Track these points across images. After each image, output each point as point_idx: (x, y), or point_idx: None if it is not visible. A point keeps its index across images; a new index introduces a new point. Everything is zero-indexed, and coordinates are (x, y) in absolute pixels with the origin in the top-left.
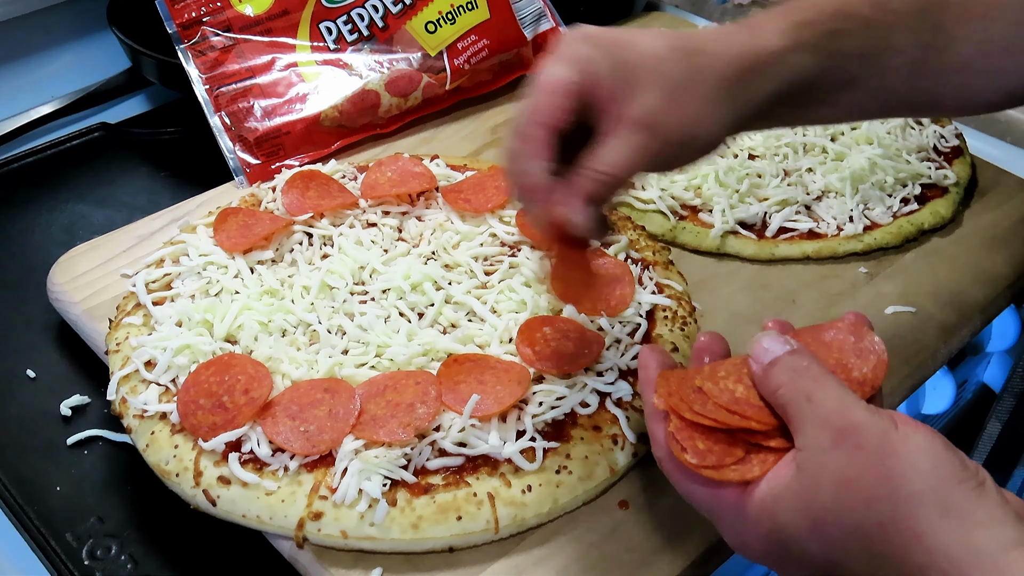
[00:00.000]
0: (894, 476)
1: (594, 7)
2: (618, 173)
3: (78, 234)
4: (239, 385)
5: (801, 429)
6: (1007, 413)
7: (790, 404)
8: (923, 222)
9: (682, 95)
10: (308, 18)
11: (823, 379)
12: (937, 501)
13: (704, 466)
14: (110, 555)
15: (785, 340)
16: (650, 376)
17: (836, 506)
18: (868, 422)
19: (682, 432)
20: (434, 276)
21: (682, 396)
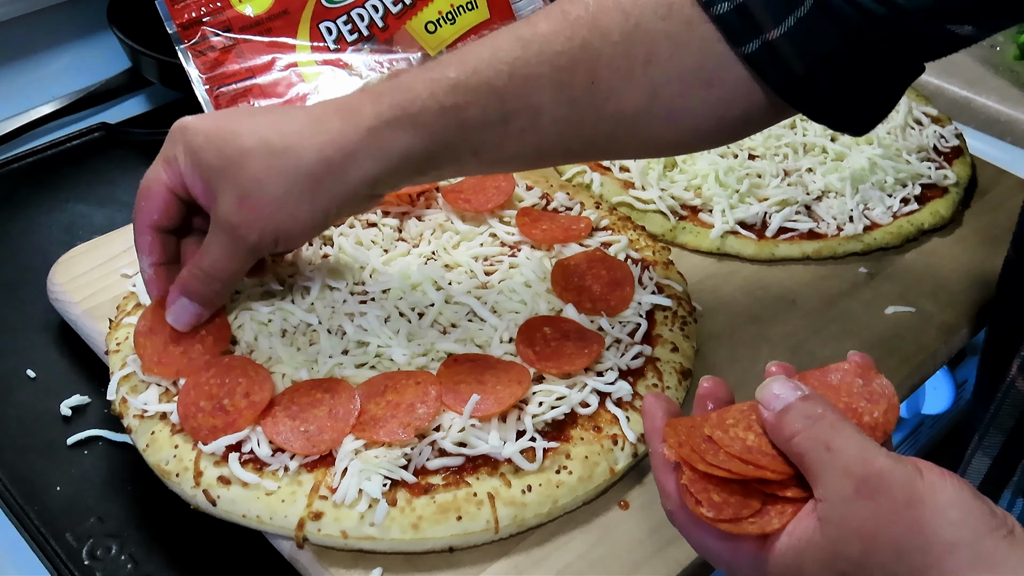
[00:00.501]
0: (924, 526)
1: None
2: (213, 271)
3: (78, 234)
4: (240, 388)
5: (821, 479)
6: (996, 448)
7: (807, 453)
8: (923, 222)
9: (253, 198)
10: (308, 18)
11: (840, 426)
12: (969, 552)
13: (721, 519)
14: (110, 555)
15: (796, 385)
16: (656, 425)
17: (863, 559)
18: (892, 470)
19: (696, 484)
20: (434, 276)
21: (693, 446)
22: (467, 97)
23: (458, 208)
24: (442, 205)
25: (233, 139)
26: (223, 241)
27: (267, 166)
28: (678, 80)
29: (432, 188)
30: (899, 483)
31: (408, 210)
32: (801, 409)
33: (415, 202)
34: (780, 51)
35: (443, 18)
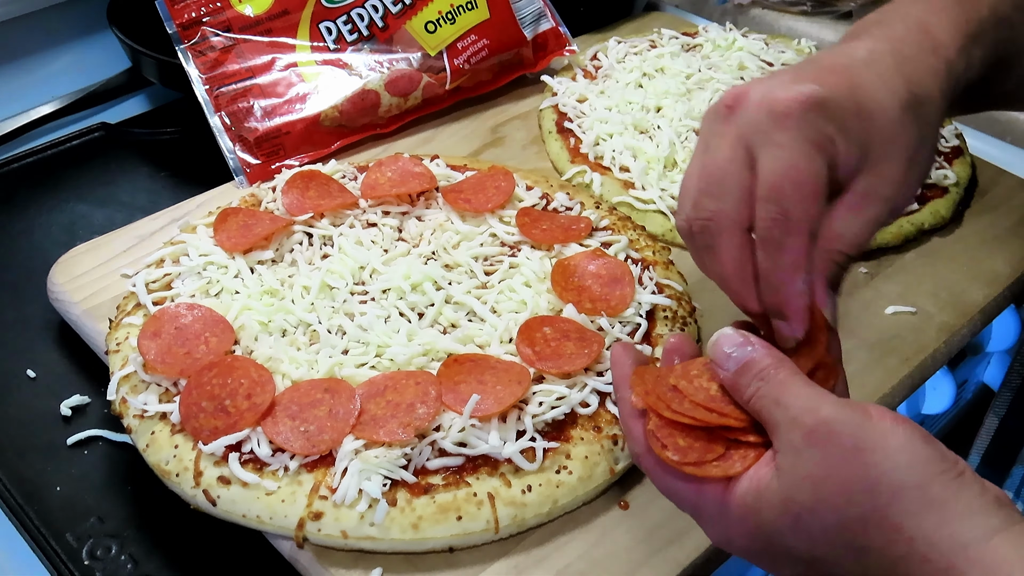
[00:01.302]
0: (872, 470)
1: (594, 7)
2: (855, 250)
3: (78, 234)
4: (242, 389)
5: (775, 432)
6: (1004, 408)
7: (762, 411)
8: (923, 222)
9: (916, 160)
10: (308, 18)
11: (789, 380)
12: (917, 494)
13: (686, 463)
14: (110, 555)
15: (745, 339)
16: (624, 373)
17: (815, 503)
18: (840, 418)
19: (662, 430)
20: (434, 276)
21: (659, 395)
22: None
23: (458, 208)
24: (442, 205)
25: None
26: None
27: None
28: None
29: (432, 188)
30: (847, 430)
31: (408, 210)
32: (754, 369)
33: (415, 202)
34: None
35: (443, 18)
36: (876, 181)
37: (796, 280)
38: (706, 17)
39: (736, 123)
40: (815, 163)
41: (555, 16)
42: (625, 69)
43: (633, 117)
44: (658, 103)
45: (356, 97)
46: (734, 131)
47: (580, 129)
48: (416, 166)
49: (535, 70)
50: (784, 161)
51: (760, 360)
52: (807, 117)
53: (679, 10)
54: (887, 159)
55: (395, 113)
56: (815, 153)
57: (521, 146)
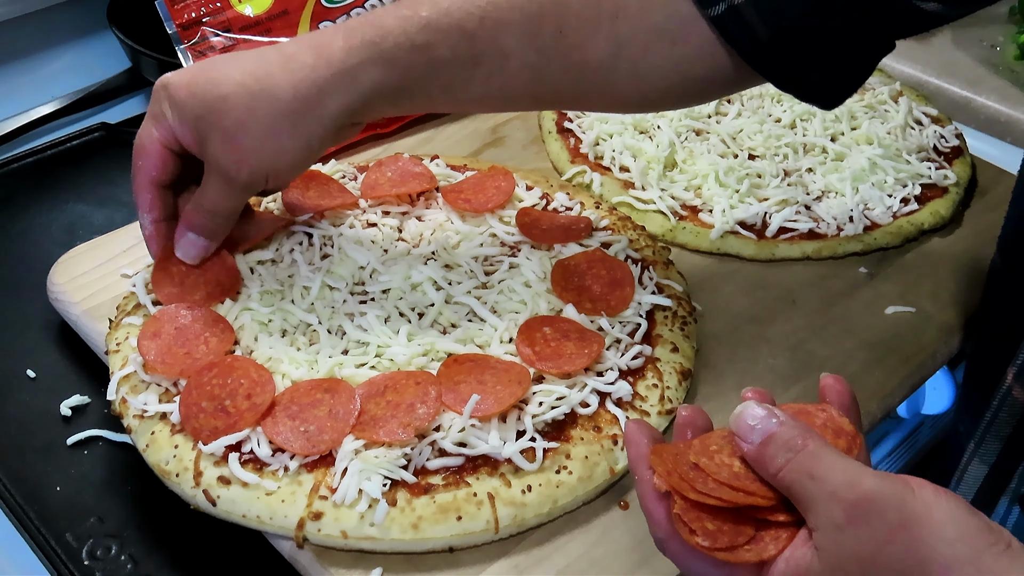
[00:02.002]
0: (920, 546)
1: None
2: (214, 208)
3: (78, 234)
4: (242, 389)
5: (811, 509)
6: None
7: (793, 485)
8: (923, 222)
9: (238, 139)
10: (308, 18)
11: (822, 452)
12: (970, 569)
13: (717, 548)
14: (110, 555)
15: (769, 412)
16: (642, 452)
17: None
18: (882, 492)
19: (689, 513)
20: (434, 276)
21: (681, 474)
22: (437, 36)
23: (458, 208)
24: (442, 205)
25: (212, 88)
26: (217, 182)
27: (247, 108)
28: (644, 35)
29: (432, 188)
30: (891, 504)
31: (408, 210)
32: (782, 441)
33: (415, 202)
34: (745, 15)
35: None
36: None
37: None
38: None
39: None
40: (147, 129)
41: None
42: None
43: (633, 117)
44: None
45: None
46: None
47: (580, 129)
48: (416, 166)
49: None
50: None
51: (787, 431)
52: (155, 94)
53: None
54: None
55: None
56: (148, 121)
57: (521, 146)
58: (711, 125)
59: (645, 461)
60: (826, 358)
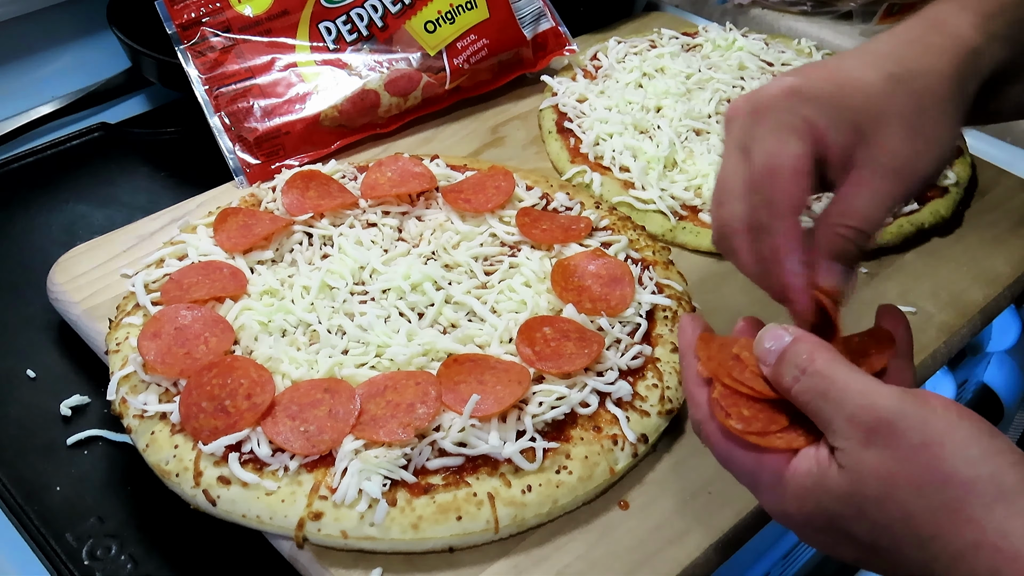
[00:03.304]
0: (942, 464)
1: (594, 7)
2: (871, 225)
3: (78, 234)
4: (242, 389)
5: (829, 429)
6: None
7: (808, 405)
8: (923, 222)
9: (919, 130)
10: (307, 18)
11: (832, 369)
12: (991, 485)
13: (750, 432)
14: (110, 555)
15: (784, 330)
16: (689, 341)
17: (882, 496)
18: (901, 413)
19: (727, 399)
20: (434, 276)
21: (720, 361)
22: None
23: (458, 208)
24: (442, 205)
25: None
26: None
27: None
28: None
29: (432, 188)
30: (912, 424)
31: (408, 210)
32: (790, 359)
33: (415, 202)
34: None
35: (442, 17)
36: (875, 152)
37: (790, 260)
38: (706, 17)
39: (732, 132)
40: (791, 146)
41: (555, 16)
42: (625, 69)
43: (633, 117)
44: (658, 103)
45: (356, 97)
46: (732, 140)
47: (580, 129)
48: (416, 166)
49: (535, 70)
50: (763, 151)
51: (796, 348)
52: (783, 106)
53: (679, 10)
54: (881, 130)
55: (395, 113)
56: (792, 137)
57: (521, 146)
58: (711, 125)
59: (692, 349)
60: None
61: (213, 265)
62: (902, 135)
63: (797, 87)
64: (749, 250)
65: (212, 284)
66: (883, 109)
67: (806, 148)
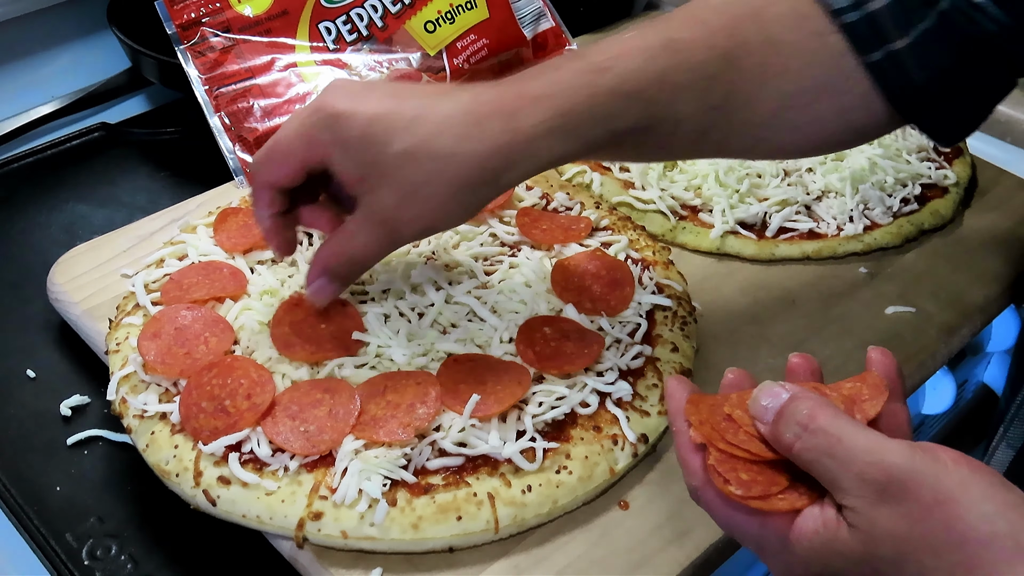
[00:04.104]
0: (957, 522)
1: (594, 7)
2: (359, 258)
3: (78, 234)
4: (241, 390)
5: (838, 487)
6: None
7: (813, 465)
8: (923, 222)
9: (416, 200)
10: (307, 18)
11: (836, 427)
12: (1009, 542)
13: (751, 497)
14: (110, 555)
15: (782, 387)
16: (678, 405)
17: (898, 558)
18: (913, 468)
19: (723, 464)
20: (434, 276)
21: (713, 424)
22: (620, 106)
23: None
24: None
25: (393, 139)
26: (376, 233)
27: (431, 171)
28: (809, 90)
29: None
30: (924, 482)
31: None
32: (789, 416)
33: None
34: (903, 61)
35: (442, 17)
36: (372, 202)
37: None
38: None
39: None
40: (293, 143)
41: (555, 16)
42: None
43: None
44: None
45: None
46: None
47: None
48: None
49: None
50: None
51: (795, 405)
52: (317, 117)
53: None
54: (381, 188)
55: None
56: (299, 138)
57: None
58: None
59: (683, 414)
60: (826, 358)
61: (213, 265)
62: (396, 198)
63: (337, 114)
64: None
65: (212, 284)
66: (387, 173)
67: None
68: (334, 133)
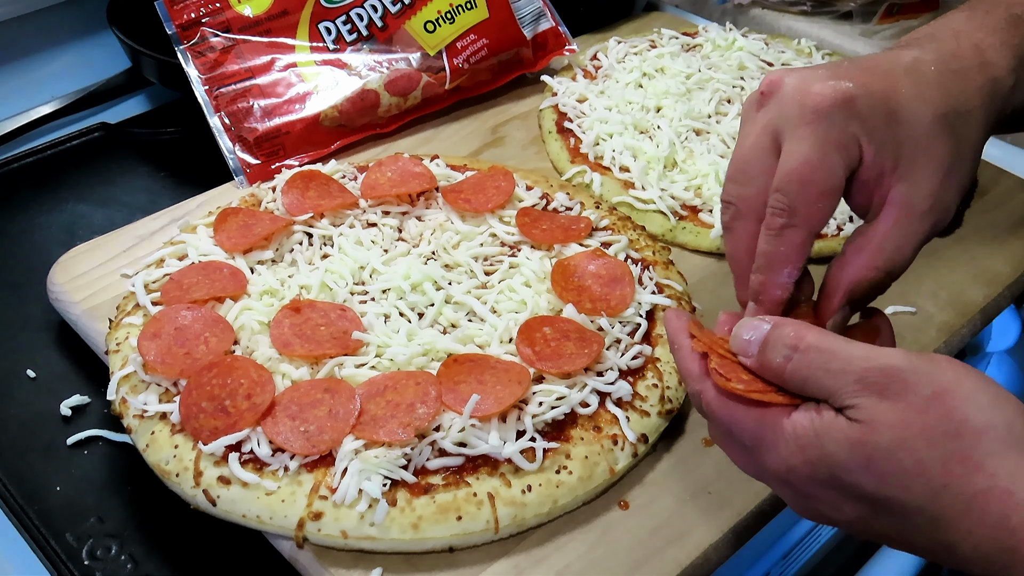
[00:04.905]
0: (954, 412)
1: (594, 7)
2: (898, 269)
3: (78, 234)
4: (241, 390)
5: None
6: None
7: (807, 383)
8: None
9: (952, 174)
10: (307, 18)
11: (828, 342)
12: (1003, 432)
13: (752, 391)
14: (110, 555)
15: (760, 319)
16: (678, 326)
17: (894, 446)
18: (911, 366)
19: (725, 367)
20: (434, 276)
21: (713, 339)
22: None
23: (458, 208)
24: (442, 205)
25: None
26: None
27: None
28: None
29: (432, 188)
30: (922, 378)
31: (408, 210)
32: (775, 342)
33: (415, 202)
34: None
35: (442, 17)
36: (912, 191)
37: (782, 271)
38: (706, 17)
39: (767, 110)
40: (830, 160)
41: (555, 16)
42: (625, 69)
43: (633, 117)
44: (658, 103)
45: (356, 97)
46: (764, 118)
47: (580, 129)
48: (416, 166)
49: (535, 70)
50: (801, 154)
51: (779, 331)
52: (834, 113)
53: (679, 10)
54: (919, 169)
55: (395, 113)
56: (833, 152)
57: (521, 146)
58: (711, 125)
59: (684, 332)
60: None
61: (213, 265)
62: (940, 179)
63: (850, 98)
64: (745, 237)
65: (212, 284)
66: (927, 149)
67: (845, 167)
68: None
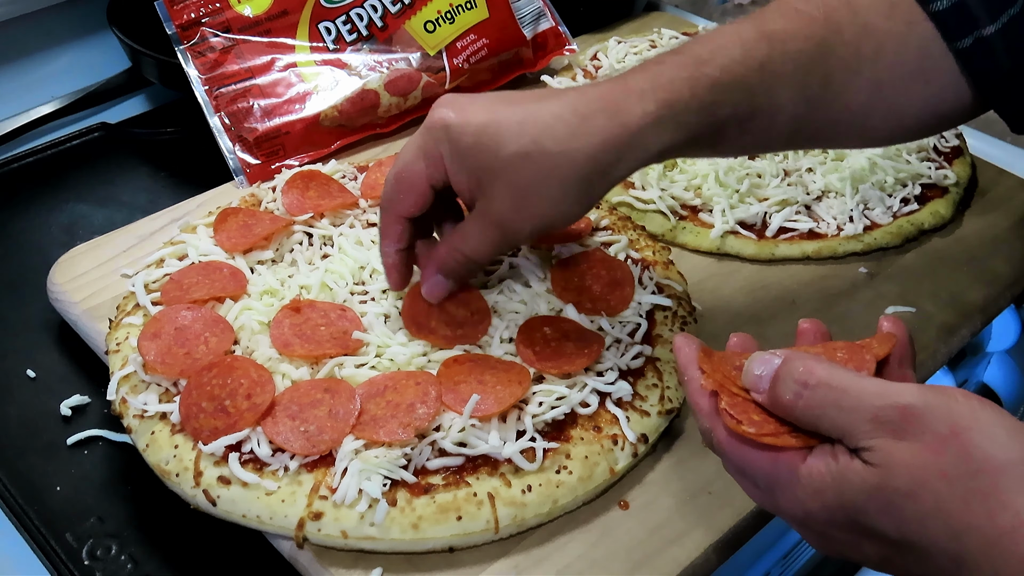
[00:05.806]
0: (972, 451)
1: (594, 7)
2: (475, 256)
3: (78, 234)
4: (241, 390)
5: (851, 435)
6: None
7: (819, 420)
8: (923, 222)
9: (530, 199)
10: (307, 18)
11: (839, 378)
12: (1021, 469)
13: (763, 434)
14: (110, 555)
15: (771, 354)
16: (690, 357)
17: (913, 489)
18: (926, 404)
19: (736, 407)
20: None
21: (725, 373)
22: (723, 96)
23: None
24: None
25: (504, 142)
26: (492, 234)
27: (542, 170)
28: (900, 77)
29: None
30: (938, 414)
31: None
32: (786, 377)
33: None
34: (992, 46)
35: (442, 17)
36: (486, 205)
37: (384, 244)
38: (706, 17)
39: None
40: (416, 166)
41: (555, 16)
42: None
43: None
44: None
45: (356, 97)
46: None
47: None
48: None
49: (535, 70)
50: (402, 159)
51: (790, 366)
52: (433, 131)
53: (679, 10)
54: (493, 190)
55: (395, 113)
56: (420, 160)
57: None
58: None
59: (694, 363)
60: None
61: (213, 265)
62: (510, 201)
63: (448, 124)
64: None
65: (212, 284)
66: (500, 175)
67: (427, 176)
68: (449, 144)
